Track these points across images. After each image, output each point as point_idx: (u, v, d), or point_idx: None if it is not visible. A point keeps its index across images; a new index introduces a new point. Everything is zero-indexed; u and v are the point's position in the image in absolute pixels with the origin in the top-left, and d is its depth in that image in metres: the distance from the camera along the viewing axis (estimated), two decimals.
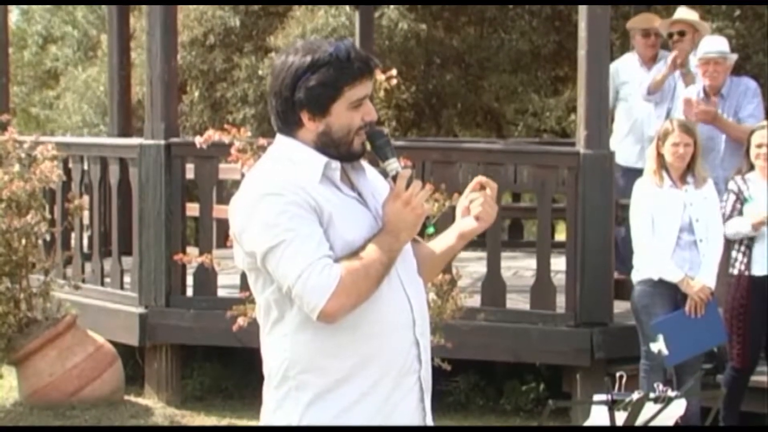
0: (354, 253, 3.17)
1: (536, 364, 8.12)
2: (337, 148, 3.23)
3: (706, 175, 7.05)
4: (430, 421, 3.36)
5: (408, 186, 3.20)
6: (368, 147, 3.31)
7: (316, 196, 3.16)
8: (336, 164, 3.24)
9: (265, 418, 3.29)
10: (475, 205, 3.35)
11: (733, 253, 7.04)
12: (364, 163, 3.35)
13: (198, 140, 7.32)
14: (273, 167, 3.23)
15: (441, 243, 3.45)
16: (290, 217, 3.12)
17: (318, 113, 3.21)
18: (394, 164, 3.25)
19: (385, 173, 3.30)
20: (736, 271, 7.02)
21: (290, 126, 3.25)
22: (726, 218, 7.02)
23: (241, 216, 3.20)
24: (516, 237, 11.96)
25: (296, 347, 3.19)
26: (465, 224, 3.39)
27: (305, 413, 3.20)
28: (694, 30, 8.81)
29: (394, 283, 3.25)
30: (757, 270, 6.97)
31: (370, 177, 3.37)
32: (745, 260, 7.00)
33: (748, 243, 6.98)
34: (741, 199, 7.02)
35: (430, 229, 3.30)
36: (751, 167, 7.09)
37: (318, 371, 3.18)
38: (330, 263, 3.12)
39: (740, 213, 7.01)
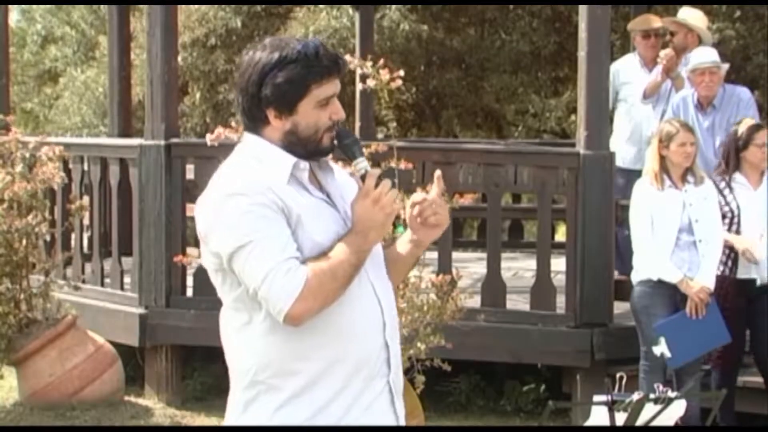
0: (322, 254, 3.11)
1: (537, 365, 8.12)
2: (305, 147, 3.19)
3: (703, 173, 7.04)
4: (402, 423, 3.31)
5: (377, 185, 3.14)
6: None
7: (283, 197, 3.12)
8: (304, 165, 3.19)
9: (232, 418, 3.24)
10: (430, 213, 3.25)
11: None
12: (332, 164, 3.31)
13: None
14: (240, 167, 3.19)
15: (402, 250, 3.37)
16: (256, 218, 3.08)
17: (285, 111, 3.17)
18: (362, 163, 3.20)
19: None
20: (719, 272, 7.00)
21: (256, 123, 3.21)
22: None
23: (208, 216, 3.17)
24: (516, 237, 11.96)
25: (267, 350, 3.14)
26: (421, 232, 3.30)
27: (274, 417, 3.15)
28: (686, 30, 8.81)
29: (365, 285, 3.19)
30: (743, 273, 6.99)
31: (338, 178, 3.31)
32: (730, 263, 7.01)
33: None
34: (719, 207, 6.98)
35: (400, 229, 3.24)
36: (736, 166, 7.06)
37: (289, 375, 3.14)
38: (296, 265, 3.07)
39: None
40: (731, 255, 7.01)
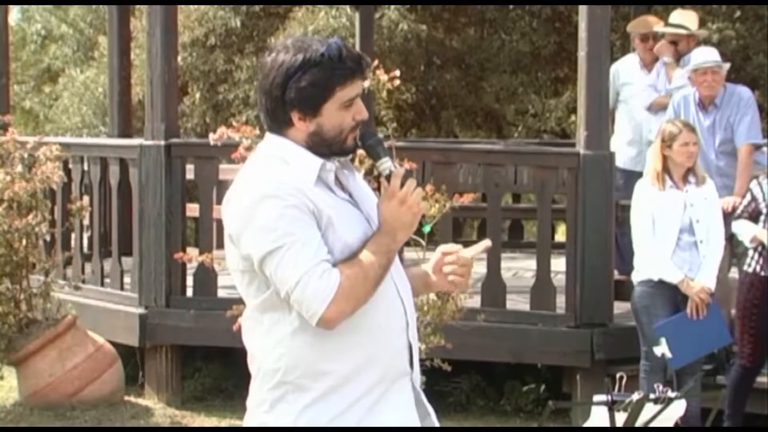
0: (351, 256, 3.12)
1: (537, 365, 8.12)
2: (329, 147, 3.19)
3: (705, 174, 7.05)
4: (434, 422, 3.35)
5: (403, 185, 3.15)
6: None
7: (313, 198, 3.11)
8: (331, 166, 3.19)
9: (256, 417, 3.24)
10: (460, 272, 3.33)
11: (750, 252, 7.02)
12: (353, 166, 3.33)
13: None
14: (269, 168, 3.16)
15: (415, 279, 3.40)
16: (289, 221, 3.07)
17: (309, 113, 3.16)
18: (387, 163, 3.20)
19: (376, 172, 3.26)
20: (750, 269, 6.99)
21: (280, 125, 3.20)
22: (736, 216, 7.01)
23: (239, 218, 3.14)
24: (516, 237, 11.96)
25: (296, 351, 3.14)
26: (440, 280, 3.37)
27: (300, 416, 3.15)
28: (688, 38, 8.83)
29: (389, 285, 3.21)
30: None
31: (359, 180, 3.32)
32: (762, 260, 6.98)
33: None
34: (757, 204, 6.97)
35: (427, 228, 3.27)
36: None
37: (319, 375, 3.14)
38: (329, 268, 3.07)
39: (751, 215, 6.98)
40: (763, 252, 6.98)
